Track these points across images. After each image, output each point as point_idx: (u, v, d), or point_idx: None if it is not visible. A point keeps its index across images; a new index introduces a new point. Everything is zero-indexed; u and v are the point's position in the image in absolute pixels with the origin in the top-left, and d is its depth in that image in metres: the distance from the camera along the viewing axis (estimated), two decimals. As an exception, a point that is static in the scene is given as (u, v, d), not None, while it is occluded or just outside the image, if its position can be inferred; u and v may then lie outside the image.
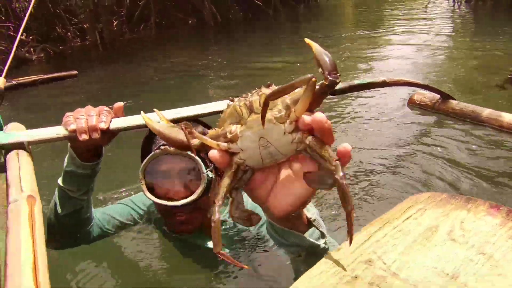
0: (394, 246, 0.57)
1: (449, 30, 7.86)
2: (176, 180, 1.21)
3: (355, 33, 8.26)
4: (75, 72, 1.35)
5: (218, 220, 0.61)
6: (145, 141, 1.32)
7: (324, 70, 0.58)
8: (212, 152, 0.63)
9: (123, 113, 1.20)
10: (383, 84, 1.84)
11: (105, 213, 1.46)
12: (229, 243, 1.37)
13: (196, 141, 0.64)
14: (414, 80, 2.23)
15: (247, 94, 0.65)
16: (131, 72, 6.82)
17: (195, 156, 1.18)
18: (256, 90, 0.65)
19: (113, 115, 1.18)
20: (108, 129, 1.12)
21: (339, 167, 0.57)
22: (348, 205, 0.57)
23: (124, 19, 11.12)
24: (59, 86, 4.82)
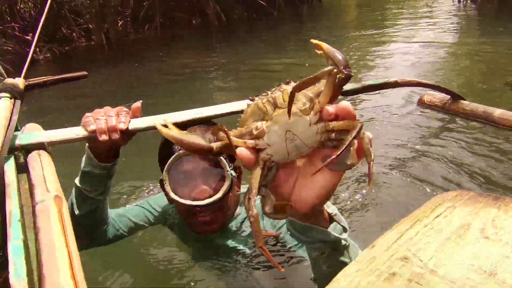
0: (428, 244, 0.57)
1: (455, 30, 7.82)
2: (200, 180, 1.21)
3: (360, 33, 8.24)
4: (85, 73, 1.36)
5: (257, 215, 0.62)
6: (164, 143, 1.31)
7: (339, 65, 0.61)
8: (240, 150, 0.65)
9: (141, 113, 1.21)
10: (396, 85, 1.84)
11: (121, 215, 1.47)
12: (249, 244, 1.37)
13: (218, 144, 0.66)
14: (426, 81, 2.23)
15: (267, 93, 0.67)
16: (137, 73, 6.85)
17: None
18: (276, 88, 0.67)
19: (132, 116, 1.19)
20: (127, 130, 1.13)
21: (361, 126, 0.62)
22: (369, 156, 0.64)
23: (129, 20, 11.15)
24: (64, 87, 4.82)
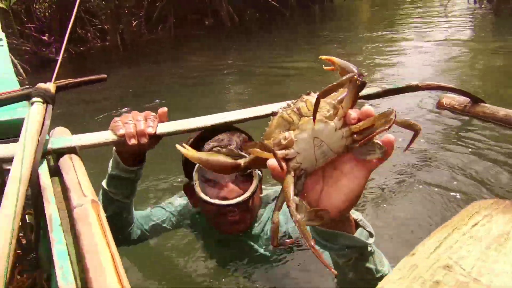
0: (469, 252, 0.58)
1: (471, 29, 7.75)
2: (229, 180, 1.25)
3: (373, 34, 8.17)
4: (105, 76, 1.38)
5: (301, 220, 0.64)
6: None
7: (354, 74, 0.65)
8: (272, 162, 0.67)
9: (167, 118, 1.23)
10: (416, 88, 1.83)
11: (145, 216, 1.51)
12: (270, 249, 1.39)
13: (246, 159, 0.71)
14: (446, 84, 2.20)
15: (289, 105, 0.71)
16: (152, 73, 6.89)
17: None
18: (298, 99, 0.71)
19: (159, 120, 1.21)
20: (155, 134, 1.16)
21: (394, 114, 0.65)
22: (417, 127, 0.68)
23: (143, 20, 11.22)
24: (80, 88, 4.84)
